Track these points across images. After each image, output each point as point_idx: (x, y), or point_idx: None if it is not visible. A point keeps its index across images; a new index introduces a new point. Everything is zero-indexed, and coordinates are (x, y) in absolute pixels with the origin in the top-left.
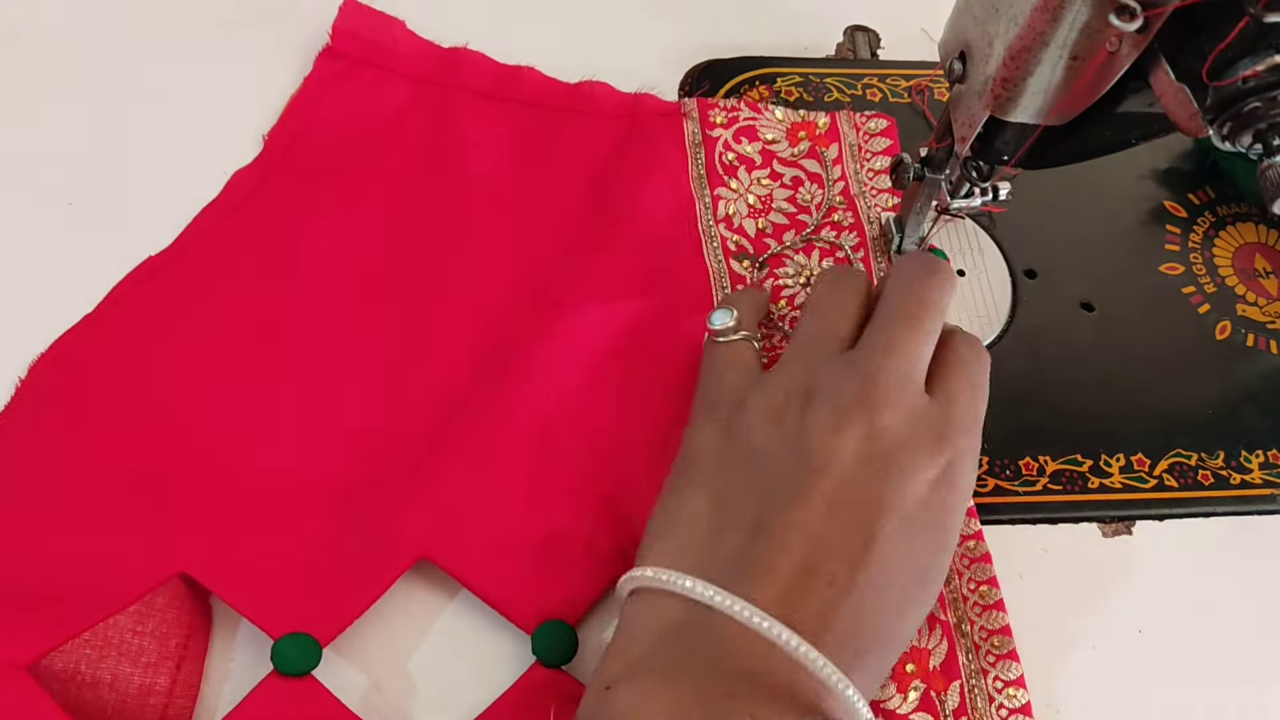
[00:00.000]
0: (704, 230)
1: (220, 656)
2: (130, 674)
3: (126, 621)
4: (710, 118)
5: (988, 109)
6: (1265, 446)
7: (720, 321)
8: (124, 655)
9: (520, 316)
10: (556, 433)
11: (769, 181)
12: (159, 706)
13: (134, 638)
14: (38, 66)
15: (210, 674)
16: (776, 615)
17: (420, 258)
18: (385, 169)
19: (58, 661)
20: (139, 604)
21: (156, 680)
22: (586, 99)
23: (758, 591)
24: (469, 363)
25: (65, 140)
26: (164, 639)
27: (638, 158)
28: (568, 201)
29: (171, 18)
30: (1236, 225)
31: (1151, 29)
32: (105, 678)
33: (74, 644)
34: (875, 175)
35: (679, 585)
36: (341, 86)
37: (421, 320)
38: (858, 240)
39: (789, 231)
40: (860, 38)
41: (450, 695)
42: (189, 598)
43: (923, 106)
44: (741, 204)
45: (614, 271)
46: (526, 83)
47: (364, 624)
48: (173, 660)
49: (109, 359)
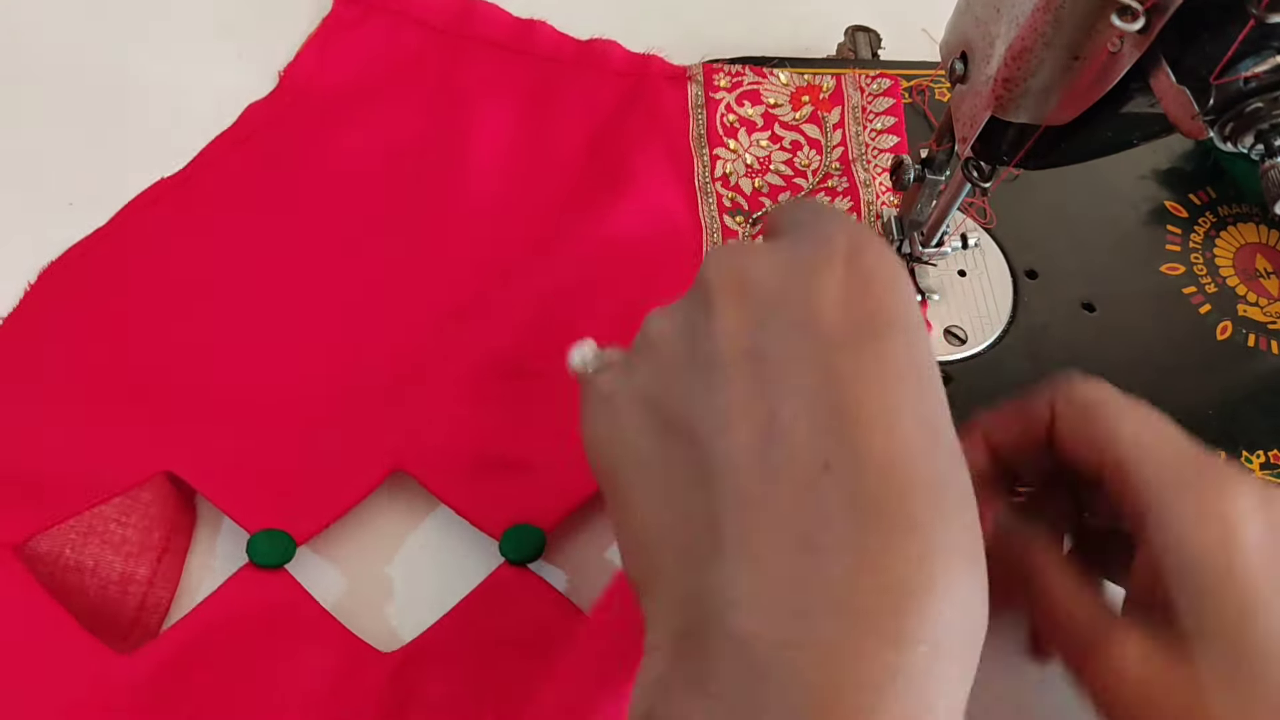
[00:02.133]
0: (700, 187)
1: (203, 555)
2: (112, 561)
3: (111, 512)
4: (715, 81)
5: (989, 109)
6: (1266, 446)
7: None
8: (107, 543)
9: (511, 254)
10: (535, 361)
11: (769, 144)
12: (138, 595)
13: (118, 528)
14: (38, 66)
15: (190, 571)
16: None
17: (421, 195)
18: (394, 110)
19: (43, 544)
20: (125, 496)
21: (137, 570)
22: (597, 55)
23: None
24: (457, 294)
25: (65, 140)
26: (147, 532)
27: (640, 116)
28: (569, 152)
29: (172, 18)
30: (1237, 225)
31: (1153, 29)
32: (88, 563)
33: (60, 529)
34: (878, 135)
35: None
36: (358, 30)
37: (416, 254)
38: (850, 205)
39: (784, 194)
40: (861, 38)
41: (420, 595)
42: (174, 495)
43: (923, 107)
44: (739, 164)
45: (607, 221)
46: (539, 36)
47: (338, 528)
48: (154, 553)
49: (114, 270)
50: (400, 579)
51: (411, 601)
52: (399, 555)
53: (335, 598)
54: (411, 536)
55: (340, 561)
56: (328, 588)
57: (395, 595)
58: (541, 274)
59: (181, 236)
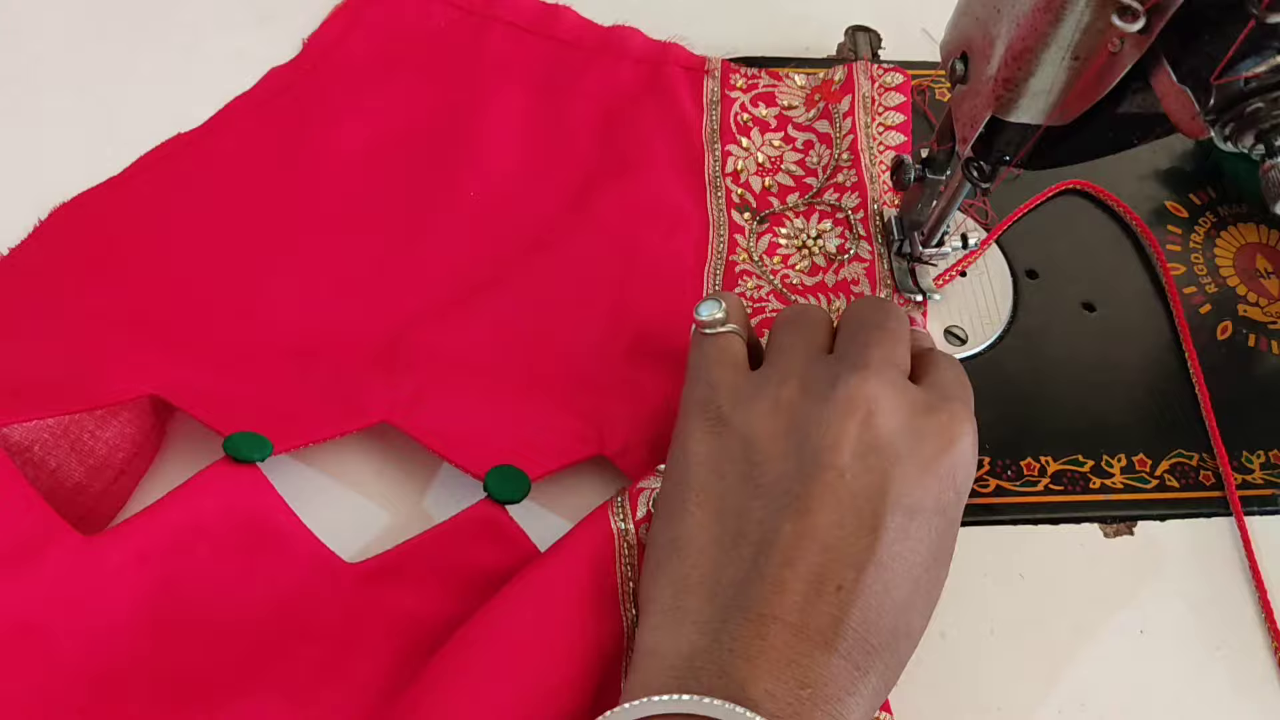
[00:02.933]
0: (709, 180)
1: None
2: (74, 469)
3: (90, 422)
4: (731, 80)
5: (989, 109)
6: (1266, 446)
7: (708, 312)
8: (75, 450)
9: (520, 226)
10: (531, 325)
11: (781, 144)
12: (84, 507)
13: (90, 439)
14: (38, 66)
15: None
16: (792, 623)
17: (434, 166)
18: (413, 84)
19: (16, 434)
20: (107, 410)
21: (93, 483)
22: (618, 41)
23: (770, 610)
24: (461, 257)
25: (65, 140)
26: (114, 449)
27: (656, 105)
28: (582, 134)
29: (172, 18)
30: (1238, 225)
31: (1154, 29)
32: (50, 464)
33: (38, 425)
34: (886, 130)
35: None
36: (384, 3)
37: (422, 220)
38: (859, 201)
39: (793, 194)
40: (861, 38)
41: (395, 518)
42: (150, 420)
43: (924, 107)
44: (750, 162)
45: (616, 205)
46: (562, 20)
47: (319, 446)
48: (112, 471)
49: (126, 209)
50: (380, 498)
51: (388, 523)
52: (382, 475)
53: (309, 506)
54: (396, 459)
55: (318, 471)
56: (301, 494)
57: (372, 514)
58: (547, 246)
59: (194, 184)
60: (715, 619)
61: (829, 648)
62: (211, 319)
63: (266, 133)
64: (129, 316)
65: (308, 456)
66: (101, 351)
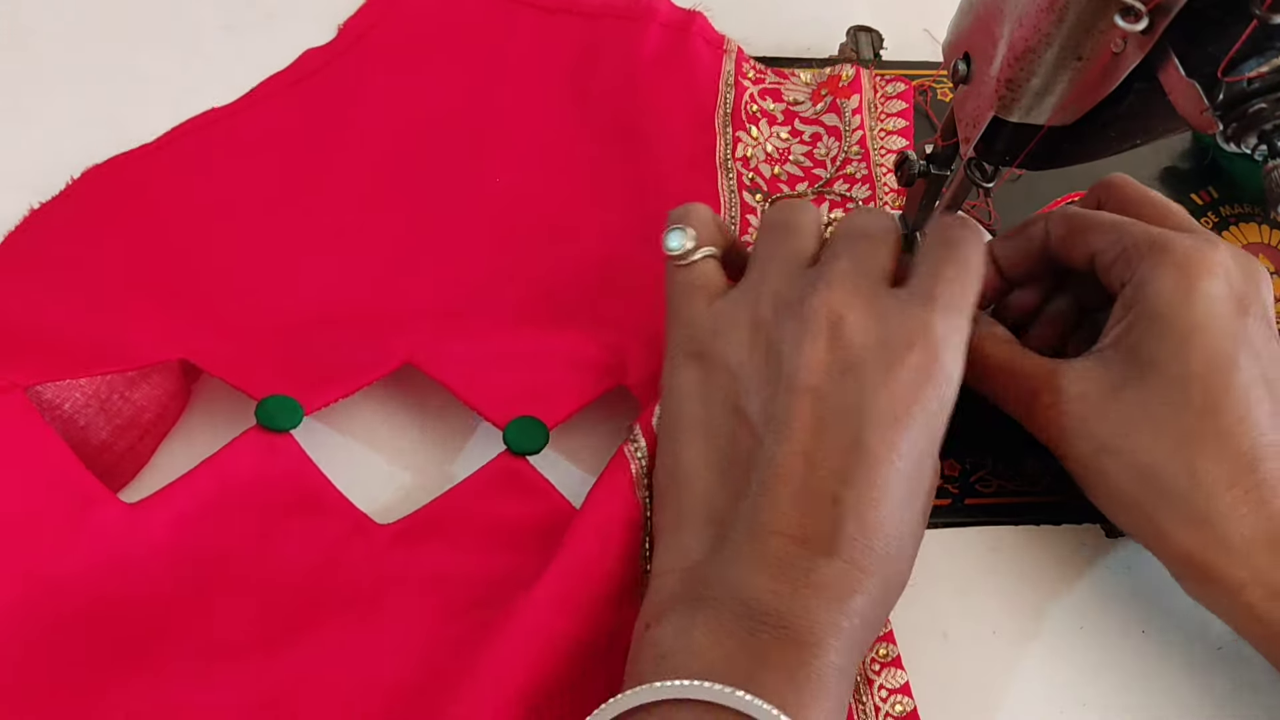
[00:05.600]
0: (720, 162)
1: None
2: (100, 428)
3: (121, 383)
4: (743, 69)
5: (992, 110)
6: None
7: (677, 244)
8: (104, 410)
9: (542, 212)
10: (552, 271)
11: (788, 137)
12: (106, 465)
13: (119, 400)
14: (38, 66)
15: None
16: (791, 535)
17: (460, 150)
18: (444, 69)
19: (48, 392)
20: (139, 372)
21: (117, 443)
22: (646, 6)
23: (769, 525)
24: (482, 237)
25: (65, 140)
26: (141, 410)
27: (676, 79)
28: (605, 110)
29: (173, 17)
30: (1239, 225)
31: (1156, 29)
32: (80, 422)
33: (71, 384)
34: (887, 135)
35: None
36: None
37: (447, 200)
38: (869, 193)
39: (802, 183)
40: (863, 38)
41: (421, 479)
42: (178, 383)
43: (926, 107)
44: (759, 150)
45: (631, 181)
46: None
47: (346, 406)
48: (137, 432)
49: (159, 177)
50: (403, 459)
51: (413, 483)
52: (405, 436)
53: (338, 470)
54: (418, 420)
55: (346, 436)
56: (331, 459)
57: (396, 475)
58: (567, 219)
59: (226, 156)
60: (716, 538)
61: (831, 553)
62: (240, 288)
63: (298, 110)
64: (160, 281)
65: (334, 421)
66: (133, 314)
